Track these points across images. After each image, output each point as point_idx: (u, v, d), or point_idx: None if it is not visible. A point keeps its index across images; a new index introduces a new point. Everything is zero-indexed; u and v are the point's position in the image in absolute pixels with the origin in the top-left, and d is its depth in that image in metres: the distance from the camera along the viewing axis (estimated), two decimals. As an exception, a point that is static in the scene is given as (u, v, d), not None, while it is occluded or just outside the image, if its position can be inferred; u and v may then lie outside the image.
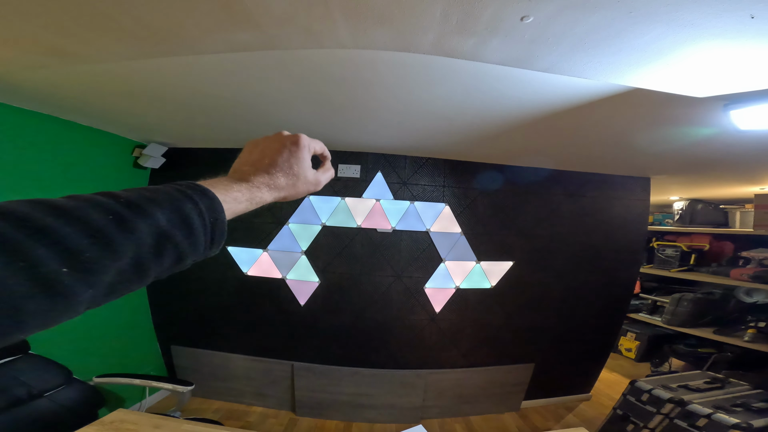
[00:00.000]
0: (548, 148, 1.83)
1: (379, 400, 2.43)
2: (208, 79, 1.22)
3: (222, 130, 1.96)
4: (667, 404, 1.71)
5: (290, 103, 1.42)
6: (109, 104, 1.56)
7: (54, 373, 1.53)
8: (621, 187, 2.37)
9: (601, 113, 1.27)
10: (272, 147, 0.44)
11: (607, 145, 1.69)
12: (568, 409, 2.61)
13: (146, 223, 0.28)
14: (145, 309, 2.49)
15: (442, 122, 1.53)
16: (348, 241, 2.31)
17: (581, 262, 2.38)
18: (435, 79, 1.12)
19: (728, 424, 1.48)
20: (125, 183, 2.30)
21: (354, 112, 1.51)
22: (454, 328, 2.37)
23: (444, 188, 2.27)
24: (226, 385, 2.52)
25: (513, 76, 1.04)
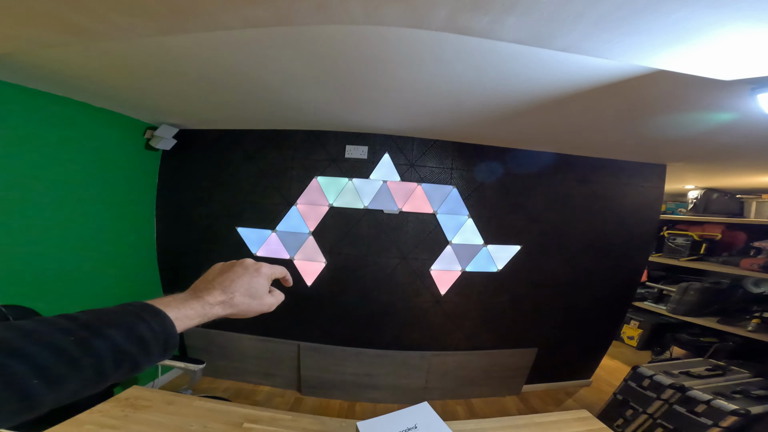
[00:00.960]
0: (562, 132, 1.80)
1: (383, 381, 2.52)
2: (221, 57, 1.22)
3: (232, 110, 1.96)
4: (667, 390, 1.76)
5: (301, 81, 1.41)
6: (123, 83, 1.56)
7: None
8: (635, 173, 2.34)
9: (620, 96, 1.24)
10: (236, 272, 0.53)
11: (623, 129, 1.66)
12: (568, 394, 2.69)
13: (103, 342, 0.35)
14: (157, 290, 2.58)
15: (452, 103, 1.52)
16: (355, 222, 2.34)
17: (590, 249, 2.40)
18: (447, 58, 1.10)
19: (727, 410, 1.53)
20: (137, 164, 2.34)
21: (364, 92, 1.50)
22: (459, 311, 2.42)
23: (452, 170, 2.26)
24: (235, 365, 2.64)
25: (528, 55, 1.02)
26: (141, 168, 2.38)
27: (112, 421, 1.02)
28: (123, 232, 2.26)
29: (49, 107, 1.72)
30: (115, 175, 2.14)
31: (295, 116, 2.02)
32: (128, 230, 2.30)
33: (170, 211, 2.51)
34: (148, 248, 2.51)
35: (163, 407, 1.15)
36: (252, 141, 2.37)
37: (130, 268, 2.34)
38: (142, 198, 2.42)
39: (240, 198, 2.42)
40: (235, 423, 1.11)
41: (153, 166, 2.46)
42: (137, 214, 2.39)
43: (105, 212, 2.10)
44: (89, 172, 1.98)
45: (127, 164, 2.23)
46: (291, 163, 2.36)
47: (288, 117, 2.05)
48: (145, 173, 2.43)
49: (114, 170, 2.14)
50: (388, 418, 0.91)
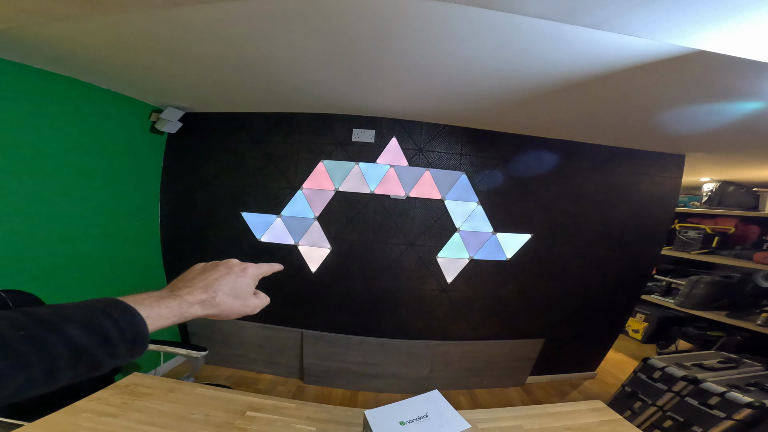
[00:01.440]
0: (579, 118, 1.72)
1: (386, 370, 2.51)
2: (228, 33, 1.17)
3: (238, 92, 1.91)
4: (679, 382, 1.74)
5: (310, 58, 1.35)
6: (128, 62, 1.51)
7: None
8: (652, 163, 2.27)
9: (647, 79, 1.16)
10: (220, 271, 0.50)
11: (646, 117, 1.58)
12: (573, 386, 2.69)
13: (58, 337, 0.33)
14: (160, 277, 2.56)
15: (464, 85, 1.44)
16: (361, 208, 2.28)
17: (602, 239, 2.35)
18: (462, 35, 1.03)
19: (742, 403, 1.51)
20: (142, 148, 2.30)
21: (374, 71, 1.43)
22: (465, 300, 2.38)
23: (462, 156, 2.19)
24: (238, 353, 2.63)
25: (551, 33, 0.95)
26: (146, 151, 2.34)
27: (110, 408, 0.99)
28: (127, 216, 2.23)
29: (54, 87, 1.68)
30: (119, 158, 2.10)
31: (302, 98, 1.96)
32: (132, 214, 2.27)
33: (175, 195, 2.48)
34: (151, 233, 2.48)
35: (163, 395, 1.12)
36: (258, 124, 2.31)
37: (134, 253, 2.32)
38: (146, 182, 2.38)
39: (245, 182, 2.37)
40: (238, 411, 1.08)
41: (158, 150, 2.42)
42: (141, 198, 2.36)
43: (109, 196, 2.07)
44: (93, 154, 1.94)
45: (131, 147, 2.19)
46: (297, 147, 2.30)
47: (294, 99, 1.99)
48: (150, 157, 2.38)
49: (118, 153, 2.10)
50: (398, 407, 0.88)
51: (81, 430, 0.88)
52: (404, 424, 0.82)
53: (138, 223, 2.33)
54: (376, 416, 0.85)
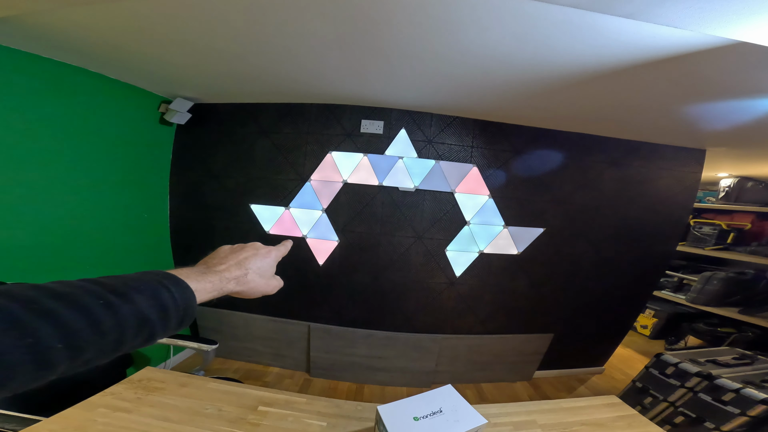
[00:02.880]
0: (597, 111, 1.67)
1: (392, 363, 2.53)
2: (240, 19, 1.15)
3: (247, 83, 1.89)
4: (693, 378, 1.74)
5: (321, 45, 1.32)
6: (140, 50, 1.50)
7: None
8: (671, 157, 2.22)
9: (677, 73, 1.11)
10: (248, 251, 0.54)
11: (669, 111, 1.53)
12: (580, 381, 2.70)
13: (130, 308, 0.34)
14: (169, 267, 2.54)
15: (480, 75, 1.41)
16: (369, 200, 2.26)
17: (617, 234, 2.33)
18: (485, 23, 0.98)
19: (757, 399, 1.50)
20: (151, 139, 2.30)
21: (387, 58, 1.39)
22: (474, 294, 2.37)
23: (472, 149, 2.15)
24: (246, 346, 2.67)
25: (576, 23, 0.91)
26: (155, 142, 2.33)
27: (124, 403, 0.99)
28: (136, 207, 2.25)
29: (62, 76, 1.67)
30: (128, 149, 2.11)
31: (311, 89, 1.94)
32: (141, 206, 2.29)
33: (183, 186, 2.49)
34: (161, 224, 2.50)
35: (176, 389, 1.12)
36: (267, 115, 2.30)
37: (143, 245, 2.34)
38: (155, 173, 2.39)
39: (254, 174, 2.37)
40: (250, 406, 1.07)
41: (167, 141, 2.42)
42: (150, 190, 2.37)
43: (118, 186, 2.08)
44: (102, 144, 1.95)
45: (140, 138, 2.19)
46: (305, 138, 2.28)
47: (303, 90, 1.96)
48: (159, 148, 2.38)
49: (127, 144, 2.10)
50: (411, 401, 0.86)
51: (97, 425, 0.88)
52: (418, 420, 0.82)
53: (147, 215, 2.34)
54: (389, 411, 0.84)
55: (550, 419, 0.96)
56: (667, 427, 1.76)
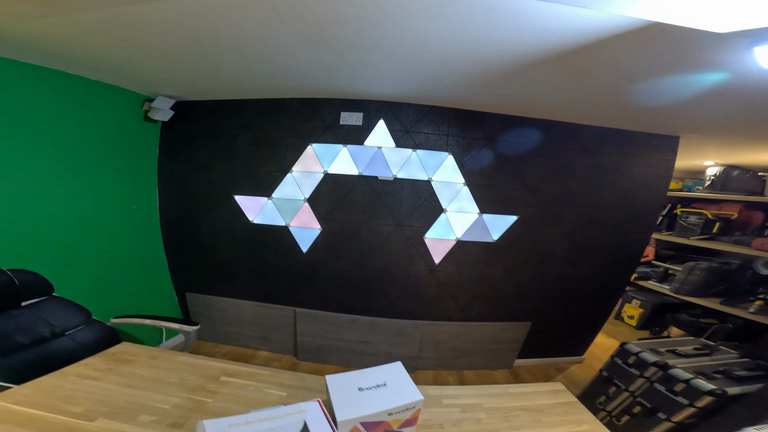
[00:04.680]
0: (558, 97, 1.72)
1: (377, 348, 2.62)
2: (202, 25, 1.24)
3: (225, 81, 2.00)
4: (651, 367, 1.75)
5: (286, 45, 1.41)
6: (112, 56, 1.62)
7: (75, 313, 1.65)
8: (645, 144, 2.27)
9: (612, 55, 1.19)
10: None
11: (619, 94, 1.60)
12: (559, 370, 2.76)
13: None
14: (161, 257, 2.74)
15: (441, 65, 1.47)
16: (349, 189, 2.34)
17: (590, 222, 2.38)
18: (430, 14, 1.03)
19: (704, 390, 1.50)
20: (137, 136, 2.43)
21: (350, 55, 1.49)
22: (453, 281, 2.44)
23: (448, 137, 2.21)
24: (235, 330, 2.79)
25: (509, 8, 0.96)
26: (141, 139, 2.47)
27: (94, 373, 1.07)
28: (125, 201, 2.38)
29: (48, 81, 1.80)
30: (114, 146, 2.24)
31: (289, 85, 2.04)
32: (131, 199, 2.42)
33: (171, 180, 2.62)
34: (151, 217, 2.64)
35: (146, 361, 1.20)
36: (248, 110, 2.42)
37: (134, 236, 2.48)
38: (143, 168, 2.52)
39: (237, 167, 2.49)
40: (213, 376, 1.15)
41: (153, 137, 2.55)
42: (139, 184, 2.51)
43: (107, 181, 2.22)
44: (88, 143, 2.08)
45: (126, 135, 2.32)
46: (286, 131, 2.40)
47: (282, 86, 2.07)
48: (146, 144, 2.51)
49: (113, 141, 2.23)
50: (359, 374, 0.93)
51: (64, 391, 0.96)
52: (362, 390, 0.87)
53: (136, 207, 2.47)
54: (335, 381, 0.91)
55: (495, 403, 1.01)
56: (626, 417, 1.78)
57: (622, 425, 1.79)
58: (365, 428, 0.82)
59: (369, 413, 0.79)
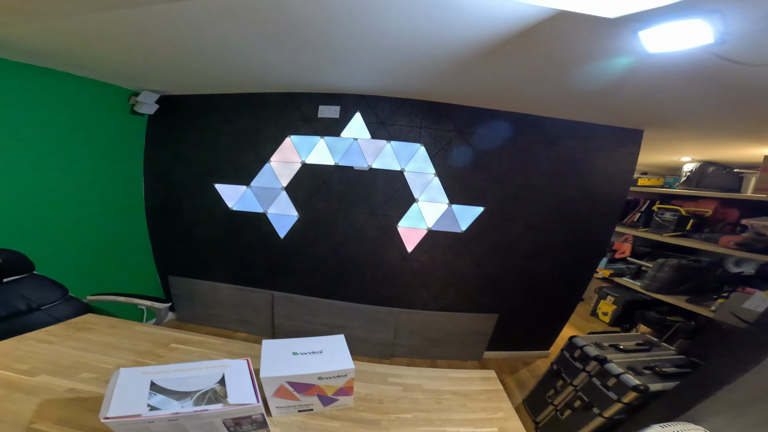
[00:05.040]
0: (512, 88, 1.77)
1: (353, 333, 2.70)
2: (168, 28, 1.33)
3: (204, 77, 2.10)
4: (592, 362, 1.76)
5: (250, 46, 1.50)
6: (98, 54, 1.71)
7: (53, 290, 1.74)
8: (609, 138, 2.31)
9: (536, 44, 1.21)
10: None
11: (552, 84, 1.61)
12: (525, 364, 2.81)
13: None
14: (146, 242, 2.85)
15: (402, 58, 1.52)
16: (326, 178, 2.43)
17: (553, 214, 2.42)
18: (381, 9, 1.09)
19: (629, 385, 1.52)
20: (124, 128, 2.54)
21: (314, 54, 1.56)
22: (425, 270, 2.52)
23: (421, 129, 2.27)
24: (215, 313, 2.89)
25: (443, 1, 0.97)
26: (128, 131, 2.59)
27: (52, 338, 1.16)
28: (112, 189, 2.51)
29: (35, 79, 1.91)
30: (101, 137, 2.36)
31: (269, 80, 2.11)
32: (117, 188, 2.55)
33: (156, 170, 2.73)
34: (136, 202, 2.76)
35: (105, 330, 1.28)
36: (229, 104, 2.51)
37: (120, 222, 2.60)
38: (130, 159, 2.64)
39: (218, 157, 2.60)
40: (163, 343, 1.22)
41: (140, 129, 2.66)
42: (126, 173, 2.62)
43: (95, 170, 2.34)
44: (79, 135, 2.20)
45: (113, 128, 2.44)
46: (266, 124, 2.49)
47: (261, 81, 2.14)
48: (133, 136, 2.63)
49: (102, 134, 2.36)
50: (298, 341, 0.96)
51: (18, 352, 1.05)
52: (296, 355, 0.93)
53: (122, 194, 2.59)
54: (272, 345, 0.97)
55: (433, 385, 1.07)
56: (568, 412, 1.81)
57: (565, 419, 1.81)
58: (295, 389, 0.88)
59: (296, 374, 0.85)
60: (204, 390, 0.70)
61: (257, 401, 0.69)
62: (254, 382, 0.75)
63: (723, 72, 1.19)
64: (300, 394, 0.86)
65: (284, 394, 0.85)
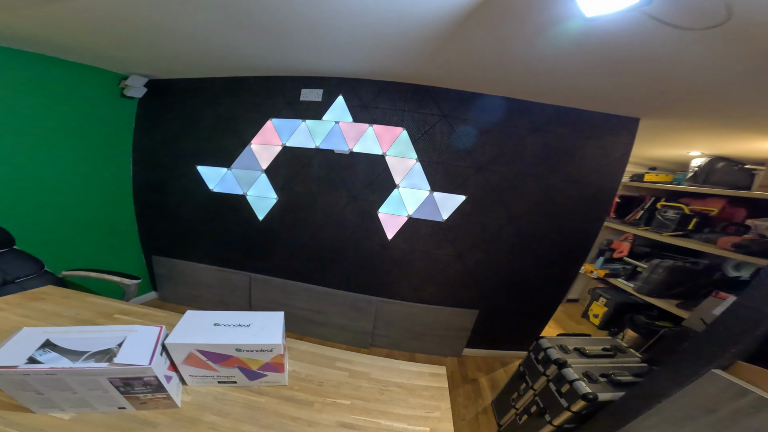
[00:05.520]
0: (489, 68, 1.68)
1: (332, 320, 2.70)
2: (129, 11, 1.34)
3: (186, 61, 2.10)
4: (552, 366, 1.67)
5: (222, 30, 1.49)
6: (85, 41, 1.74)
7: (29, 264, 1.80)
8: (601, 125, 2.15)
9: (487, 22, 1.15)
10: None
11: (525, 63, 1.50)
12: (503, 364, 2.74)
13: None
14: (132, 222, 2.91)
15: (372, 34, 1.47)
16: (306, 161, 2.40)
17: (538, 206, 2.30)
18: None
19: (579, 393, 1.44)
20: (114, 111, 2.58)
21: (289, 35, 1.54)
22: (405, 259, 2.48)
23: (404, 112, 2.21)
24: (195, 293, 2.94)
25: None
26: (118, 113, 2.63)
27: (3, 305, 1.18)
28: (101, 170, 2.56)
29: (23, 64, 1.95)
30: (93, 119, 2.42)
31: (251, 63, 2.09)
32: (106, 169, 2.60)
33: (144, 152, 2.77)
34: (124, 185, 2.81)
35: (57, 300, 1.30)
36: (213, 88, 2.51)
37: (108, 202, 2.67)
38: (119, 141, 2.69)
39: (200, 139, 2.61)
40: (107, 314, 1.23)
41: (130, 113, 2.70)
42: (115, 155, 2.68)
43: (84, 151, 2.41)
44: (70, 122, 2.26)
45: (103, 111, 2.49)
46: (247, 107, 2.47)
47: (244, 64, 2.12)
48: (122, 119, 2.68)
49: (92, 116, 2.41)
50: (228, 314, 0.94)
51: None
52: (218, 326, 0.91)
53: (110, 174, 2.65)
54: (194, 315, 0.95)
55: (381, 375, 1.05)
56: (525, 417, 1.74)
57: (522, 424, 1.75)
58: (209, 358, 0.86)
59: (205, 342, 0.83)
60: (99, 351, 0.70)
61: (149, 363, 0.69)
62: (157, 348, 0.75)
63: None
64: (217, 364, 0.85)
65: (197, 363, 0.84)
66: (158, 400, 0.77)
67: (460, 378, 2.47)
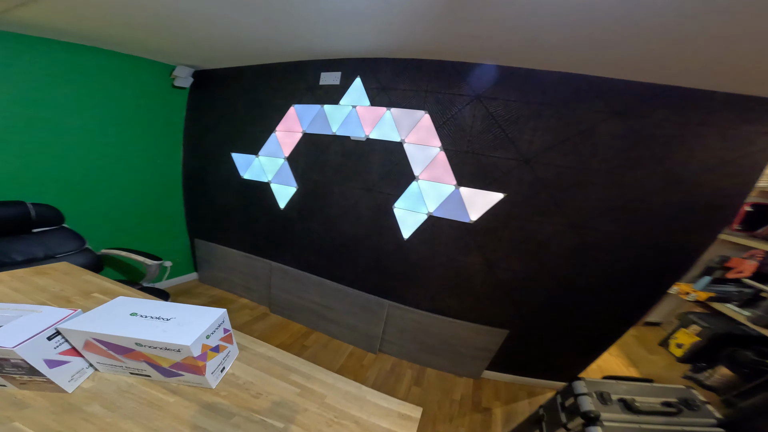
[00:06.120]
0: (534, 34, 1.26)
1: (342, 318, 2.61)
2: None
3: (223, 49, 2.15)
4: (578, 418, 1.30)
5: (245, 17, 1.49)
6: (132, 33, 1.88)
7: (72, 241, 2.00)
8: (722, 108, 1.52)
9: None
10: None
11: None
12: (530, 394, 2.27)
13: None
14: (180, 206, 3.17)
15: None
16: (323, 149, 2.35)
17: (612, 211, 1.77)
18: None
19: None
20: (166, 100, 2.79)
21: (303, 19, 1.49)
22: (424, 263, 2.23)
23: (426, 93, 1.94)
24: (226, 277, 3.11)
25: None
26: (169, 104, 2.86)
27: (7, 279, 1.26)
28: (152, 155, 2.82)
29: (85, 58, 2.19)
30: (149, 109, 2.67)
31: (277, 49, 2.06)
32: (157, 155, 2.86)
33: (192, 140, 3.00)
34: (174, 170, 3.08)
35: (57, 276, 1.38)
36: (248, 76, 2.56)
37: (159, 187, 2.94)
38: (171, 129, 2.95)
39: (235, 127, 2.71)
40: (87, 291, 1.26)
41: (181, 102, 2.94)
42: (165, 142, 2.93)
43: (140, 140, 2.67)
44: (126, 111, 2.51)
45: (155, 101, 2.72)
46: (273, 94, 2.47)
47: (271, 50, 2.11)
48: (174, 108, 2.91)
49: (148, 105, 2.66)
50: (154, 304, 0.89)
51: None
52: (134, 316, 0.85)
53: (161, 161, 2.92)
54: (119, 301, 0.91)
55: (338, 402, 0.87)
56: None
57: None
58: (109, 348, 0.79)
59: (101, 332, 0.77)
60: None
61: (13, 346, 0.67)
62: (45, 331, 0.73)
63: None
64: (120, 355, 0.79)
65: (98, 351, 0.79)
66: (39, 383, 0.74)
67: (471, 405, 2.11)
